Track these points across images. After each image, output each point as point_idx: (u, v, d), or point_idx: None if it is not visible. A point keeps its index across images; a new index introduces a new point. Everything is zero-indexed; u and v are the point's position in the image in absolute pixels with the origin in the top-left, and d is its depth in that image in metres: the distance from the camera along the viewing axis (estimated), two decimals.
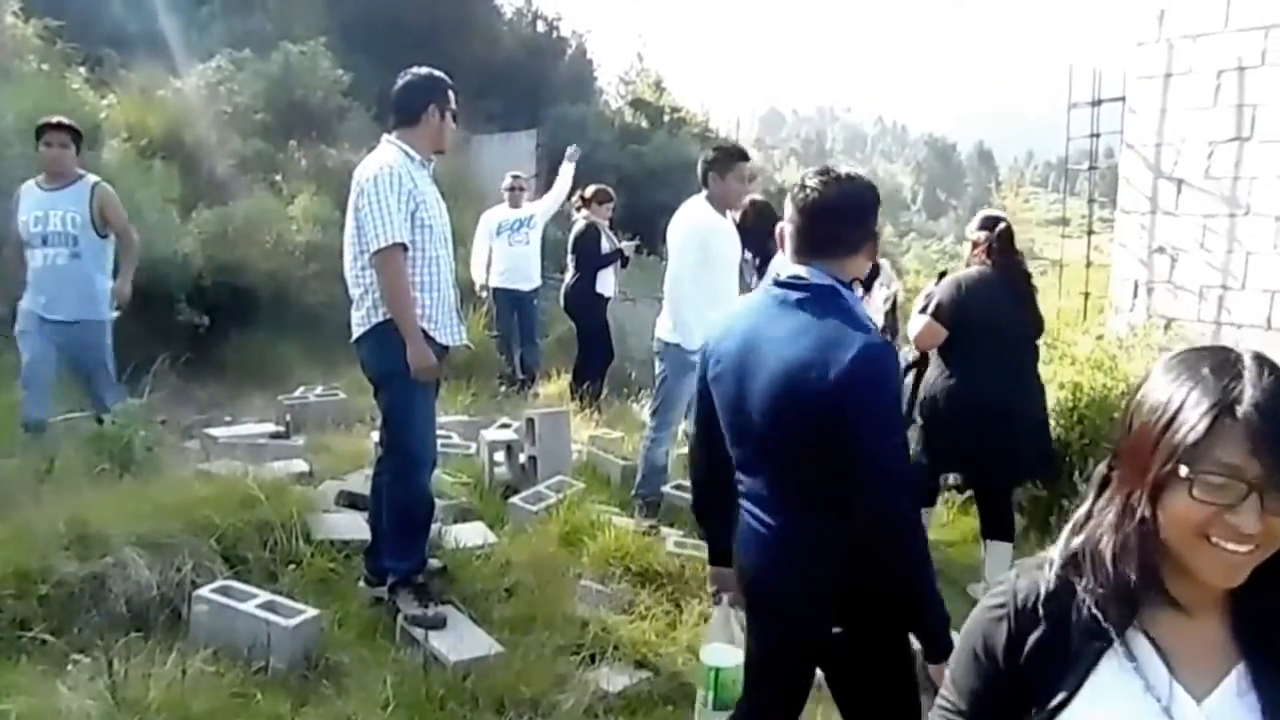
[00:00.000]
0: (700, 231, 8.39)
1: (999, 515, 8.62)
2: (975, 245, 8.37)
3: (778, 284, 3.99)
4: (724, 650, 4.76)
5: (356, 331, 6.40)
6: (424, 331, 6.23)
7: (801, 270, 3.94)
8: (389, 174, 6.16)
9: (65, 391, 10.00)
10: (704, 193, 8.55)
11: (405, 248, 6.13)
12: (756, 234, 9.01)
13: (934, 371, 8.30)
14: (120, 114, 17.12)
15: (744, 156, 8.74)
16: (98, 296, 9.33)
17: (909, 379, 8.77)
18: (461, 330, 6.67)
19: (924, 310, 8.17)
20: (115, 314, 9.59)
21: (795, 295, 3.89)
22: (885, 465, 3.73)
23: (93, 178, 9.48)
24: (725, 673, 4.77)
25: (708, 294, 8.28)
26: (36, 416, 9.05)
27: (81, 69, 17.71)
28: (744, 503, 4.13)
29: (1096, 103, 13.15)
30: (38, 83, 15.40)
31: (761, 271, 9.92)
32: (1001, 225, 8.33)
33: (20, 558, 5.71)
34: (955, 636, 2.84)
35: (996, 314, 7.88)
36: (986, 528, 8.69)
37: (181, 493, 6.96)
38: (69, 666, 5.07)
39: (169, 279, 13.68)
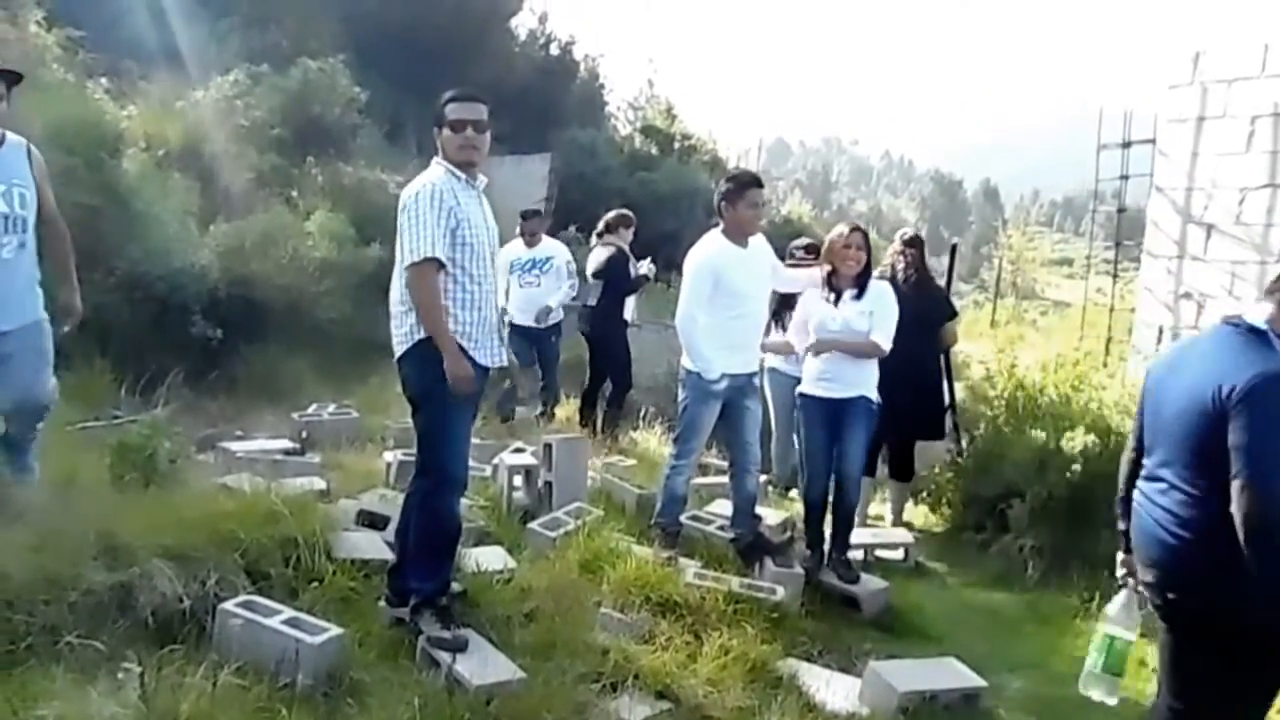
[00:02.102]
0: (711, 264, 8.43)
1: (903, 462, 11.14)
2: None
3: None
4: (1122, 628, 5.33)
5: (398, 350, 6.41)
6: (463, 349, 6.24)
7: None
8: (430, 190, 6.21)
9: (80, 398, 10.02)
10: (720, 225, 8.61)
11: (441, 264, 6.15)
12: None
13: None
14: (139, 125, 17.17)
15: (756, 183, 8.75)
16: (38, 298, 7.21)
17: None
18: (502, 351, 6.68)
19: None
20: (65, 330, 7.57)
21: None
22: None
23: (20, 139, 7.04)
24: (1119, 642, 5.33)
25: (724, 325, 8.39)
26: None
27: (103, 79, 17.76)
28: (1152, 497, 4.85)
29: (1126, 145, 13.14)
30: (60, 92, 15.43)
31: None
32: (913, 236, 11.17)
33: (51, 565, 5.69)
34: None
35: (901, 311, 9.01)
36: (892, 471, 11.20)
37: (205, 506, 6.95)
38: (105, 674, 5.09)
39: (185, 291, 13.73)
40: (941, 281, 12.13)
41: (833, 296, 8.83)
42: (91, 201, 12.08)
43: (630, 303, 13.23)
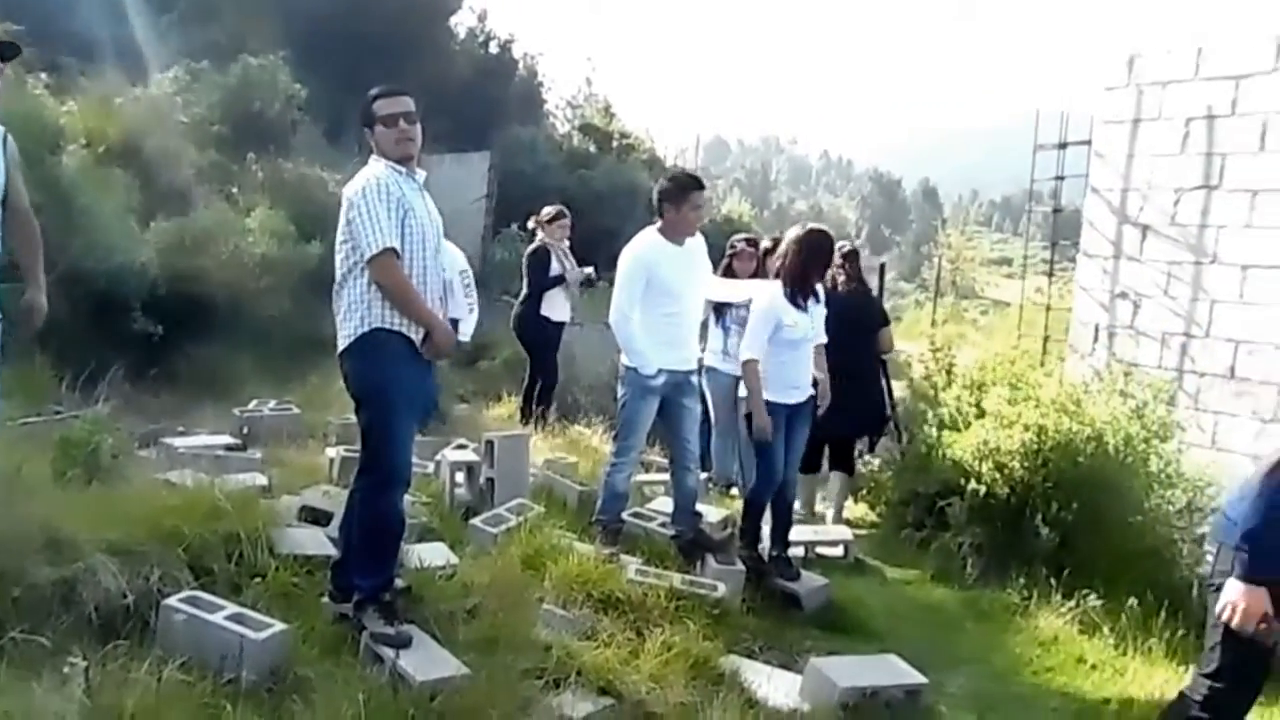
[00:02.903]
0: (645, 261, 8.51)
1: (845, 457, 11.59)
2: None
3: None
4: None
5: (342, 344, 6.39)
6: (409, 339, 6.28)
7: None
8: (376, 184, 6.21)
9: (21, 394, 9.98)
10: (657, 222, 8.67)
11: (397, 253, 6.16)
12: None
13: None
14: (80, 121, 17.07)
15: (699, 185, 8.83)
16: None
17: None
18: (453, 339, 6.71)
19: None
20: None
21: None
22: None
23: None
24: None
25: (658, 322, 8.48)
26: None
27: (42, 75, 17.65)
28: None
29: (1063, 145, 13.27)
30: None
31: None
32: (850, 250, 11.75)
33: None
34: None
35: (839, 316, 9.58)
36: (835, 465, 11.58)
37: (148, 501, 6.94)
38: (49, 669, 5.06)
39: (126, 287, 13.68)
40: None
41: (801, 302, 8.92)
42: (31, 198, 12.01)
43: (559, 301, 13.14)
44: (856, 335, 10.54)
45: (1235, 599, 5.09)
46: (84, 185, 14.26)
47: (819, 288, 9.16)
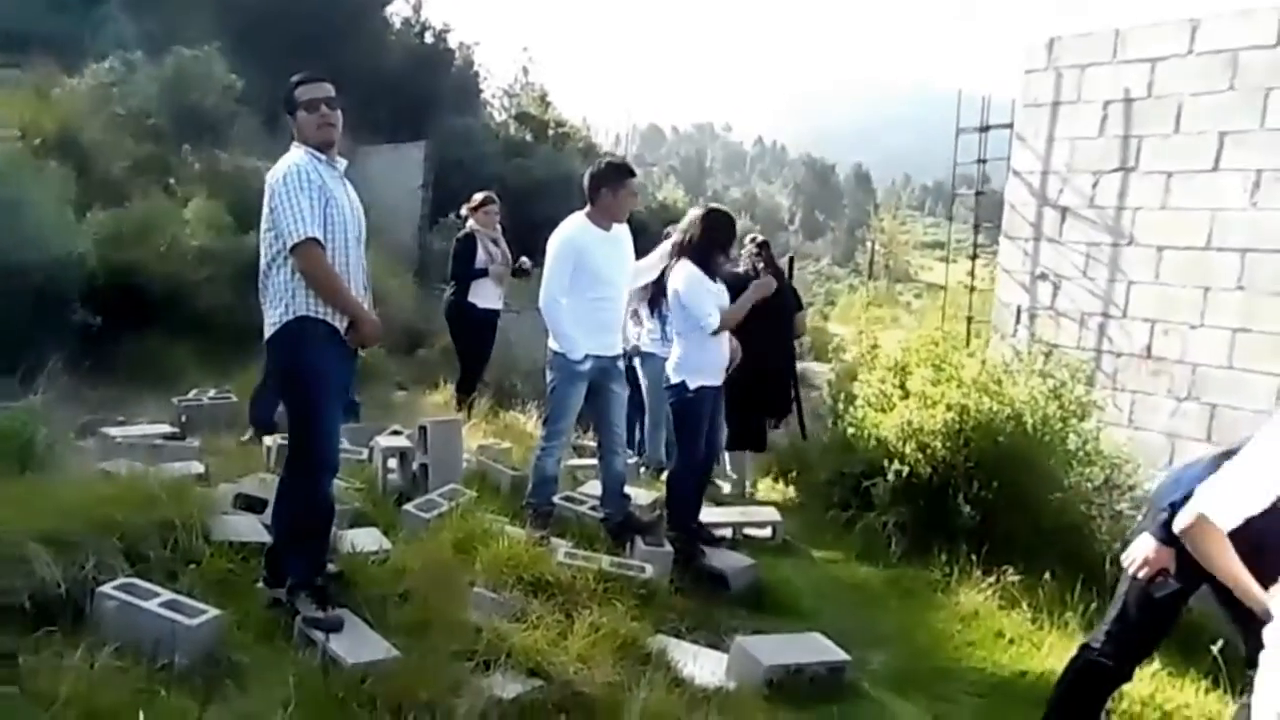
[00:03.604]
0: (573, 245, 8.60)
1: (757, 435, 12.11)
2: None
3: None
4: None
5: (268, 332, 6.44)
6: (334, 328, 6.36)
7: None
8: (297, 172, 6.25)
9: None
10: (586, 207, 8.76)
11: (320, 242, 6.21)
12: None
13: None
14: (13, 112, 16.99)
15: (632, 173, 8.95)
16: None
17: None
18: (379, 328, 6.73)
19: None
20: None
21: None
22: None
23: None
24: None
25: (586, 307, 8.57)
26: None
27: None
28: None
29: (984, 129, 13.37)
30: None
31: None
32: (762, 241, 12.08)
33: None
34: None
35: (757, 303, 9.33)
36: (747, 444, 12.06)
37: (83, 491, 6.98)
38: None
39: (63, 279, 13.63)
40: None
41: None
42: None
43: (488, 289, 13.14)
44: (771, 319, 10.64)
45: (1145, 552, 5.44)
46: (18, 177, 14.22)
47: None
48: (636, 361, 11.34)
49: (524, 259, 13.00)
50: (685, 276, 8.96)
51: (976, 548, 9.29)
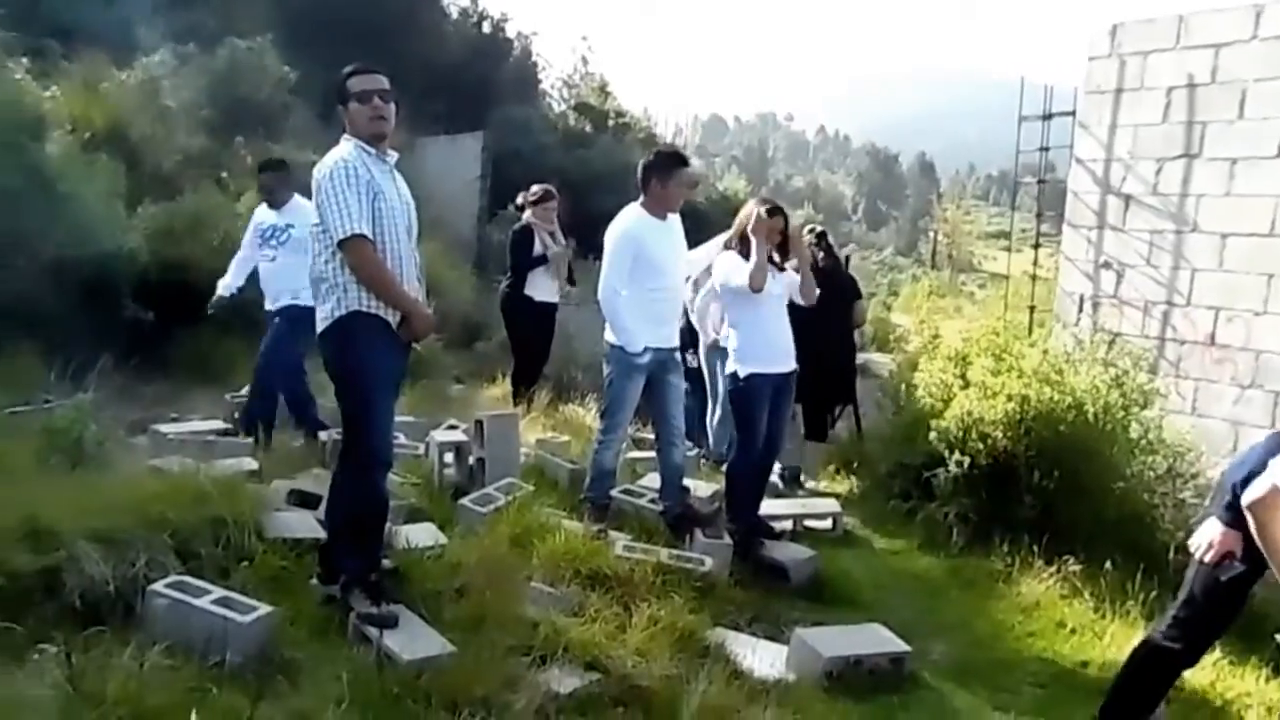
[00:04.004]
0: (631, 236, 8.57)
1: (820, 424, 12.14)
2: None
3: None
4: None
5: (320, 326, 6.42)
6: (386, 322, 6.30)
7: None
8: (344, 167, 6.21)
9: (8, 383, 9.99)
10: (641, 198, 8.70)
11: (368, 237, 6.16)
12: None
13: None
14: (64, 106, 16.96)
15: (685, 162, 8.92)
16: None
17: None
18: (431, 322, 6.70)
19: None
20: None
21: None
22: None
23: None
24: None
25: (645, 298, 8.53)
26: None
27: (23, 59, 17.54)
28: None
29: (1047, 117, 13.27)
30: None
31: None
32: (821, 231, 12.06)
33: None
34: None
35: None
36: (811, 434, 12.05)
37: (134, 488, 6.93)
38: (29, 657, 5.09)
39: (113, 274, 13.60)
40: None
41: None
42: (12, 185, 11.96)
43: (544, 282, 13.04)
44: (833, 309, 10.74)
45: (1212, 535, 5.48)
46: (68, 172, 14.18)
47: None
48: (701, 353, 11.27)
49: (555, 247, 12.85)
50: (725, 264, 9.02)
51: (1038, 538, 9.19)
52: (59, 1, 21.05)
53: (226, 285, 11.55)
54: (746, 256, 8.80)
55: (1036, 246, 14.04)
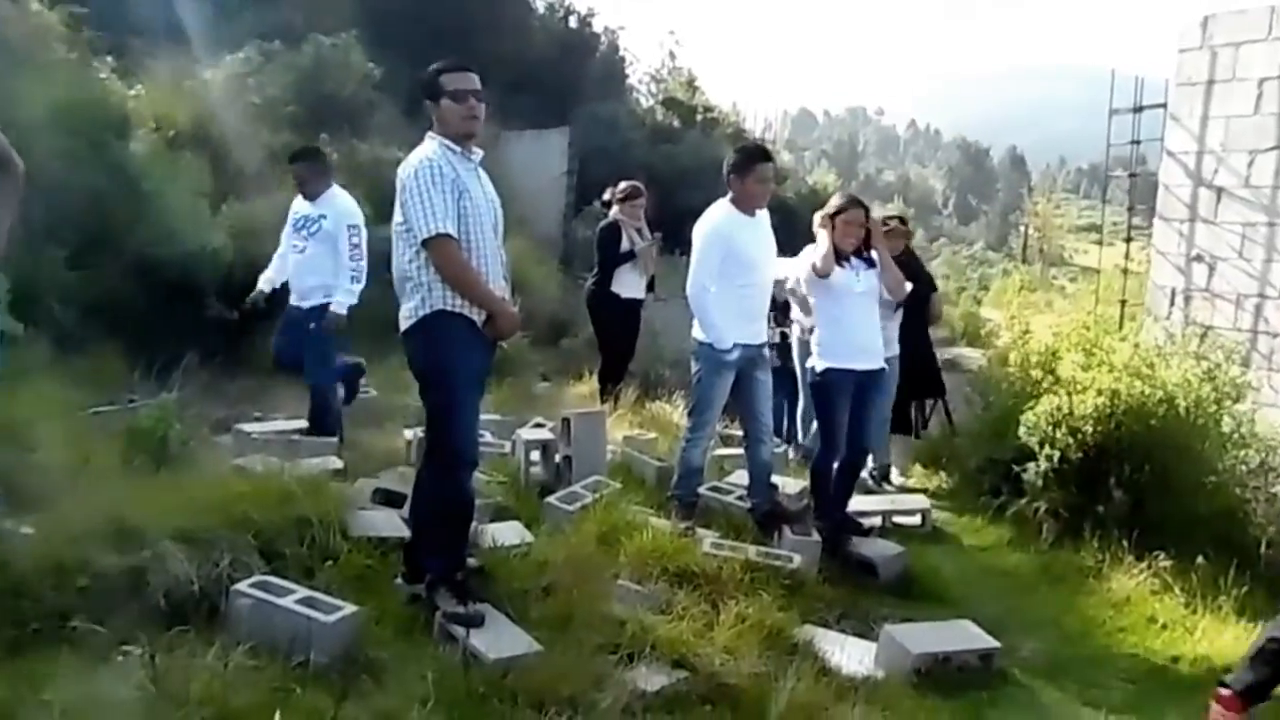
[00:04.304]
0: (721, 233, 8.50)
1: (905, 419, 12.02)
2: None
3: None
4: None
5: (404, 325, 6.40)
6: (471, 321, 6.27)
7: None
8: (429, 166, 6.18)
9: (93, 383, 10.03)
10: (729, 194, 8.63)
11: (453, 236, 6.13)
12: None
13: None
14: (148, 104, 17.05)
15: (765, 157, 8.81)
16: None
17: None
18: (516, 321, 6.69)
19: None
20: None
21: None
22: None
23: None
24: None
25: (734, 295, 8.46)
26: None
27: (108, 58, 17.65)
28: None
29: (1138, 109, 13.16)
30: (64, 71, 15.33)
31: None
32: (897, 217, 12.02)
33: (59, 550, 5.71)
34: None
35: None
36: (895, 427, 11.66)
37: (218, 488, 6.96)
38: (113, 658, 5.12)
39: (197, 273, 13.65)
40: None
41: (848, 264, 8.89)
42: (97, 184, 12.01)
43: (631, 278, 12.92)
44: (911, 302, 10.49)
45: None
46: (152, 171, 14.24)
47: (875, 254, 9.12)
48: (795, 350, 11.20)
49: (642, 241, 12.76)
50: (806, 258, 9.13)
51: (1128, 533, 9.10)
52: (145, 1, 21.20)
53: (268, 280, 11.14)
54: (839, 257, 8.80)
55: (1128, 240, 13.94)
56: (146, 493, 6.66)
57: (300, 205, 10.90)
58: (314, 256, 10.49)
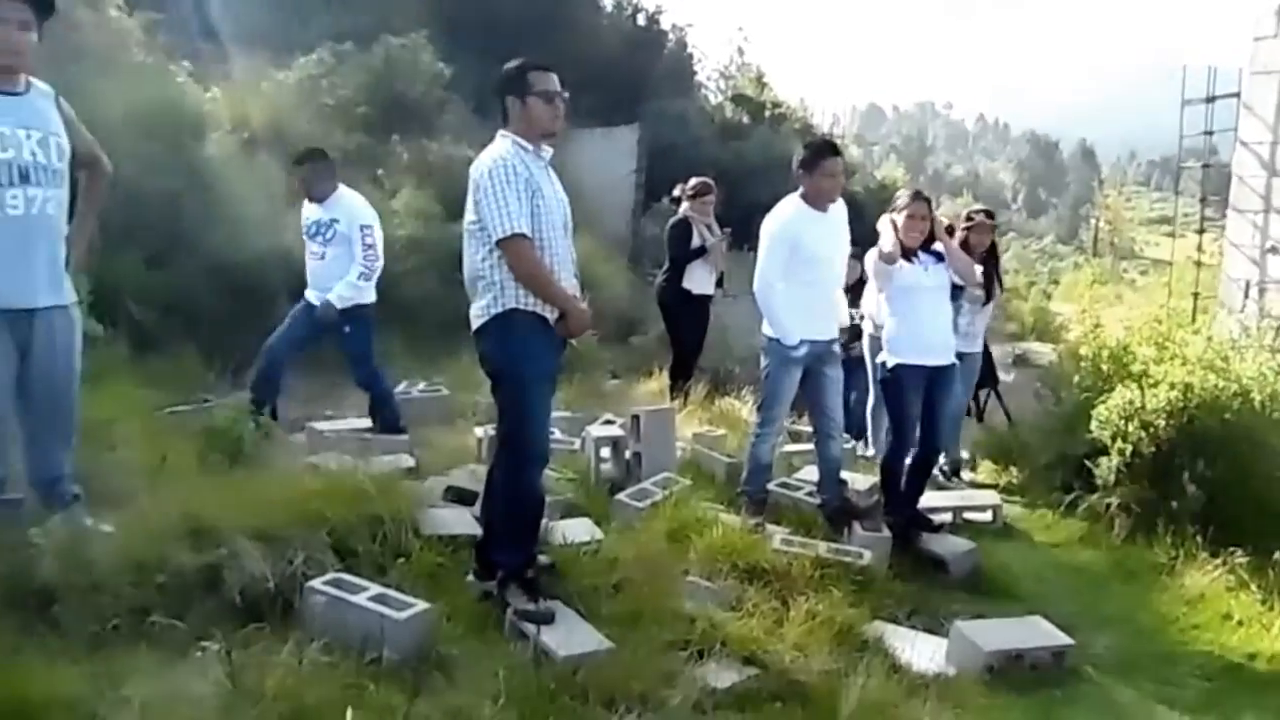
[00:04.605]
0: (788, 230, 8.50)
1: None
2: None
3: None
4: None
5: (476, 323, 6.44)
6: (543, 318, 6.31)
7: None
8: (503, 166, 6.20)
9: (170, 383, 10.14)
10: (799, 190, 8.62)
11: (527, 236, 6.16)
12: None
13: None
14: (223, 107, 17.26)
15: (834, 151, 8.78)
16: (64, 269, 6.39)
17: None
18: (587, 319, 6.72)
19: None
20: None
21: None
22: None
23: (48, 86, 6.29)
24: None
25: (802, 291, 8.47)
26: None
27: (185, 62, 17.85)
28: None
29: (1211, 99, 13.05)
30: (143, 75, 15.53)
31: None
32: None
33: (138, 547, 5.79)
34: None
35: None
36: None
37: (291, 486, 7.02)
38: (191, 653, 5.19)
39: (271, 274, 13.79)
40: None
41: (913, 260, 8.91)
42: (174, 186, 12.16)
43: (702, 274, 13.02)
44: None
45: None
46: (227, 172, 14.43)
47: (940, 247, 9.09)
48: (865, 345, 11.18)
49: (712, 237, 12.79)
50: (874, 253, 9.13)
51: (1202, 528, 9.01)
52: (220, 4, 21.39)
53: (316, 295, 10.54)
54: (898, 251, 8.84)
55: (1200, 232, 13.84)
56: (222, 491, 6.72)
57: (310, 210, 10.69)
58: (334, 260, 10.39)
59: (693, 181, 13.29)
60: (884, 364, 8.97)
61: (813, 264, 8.50)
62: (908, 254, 8.85)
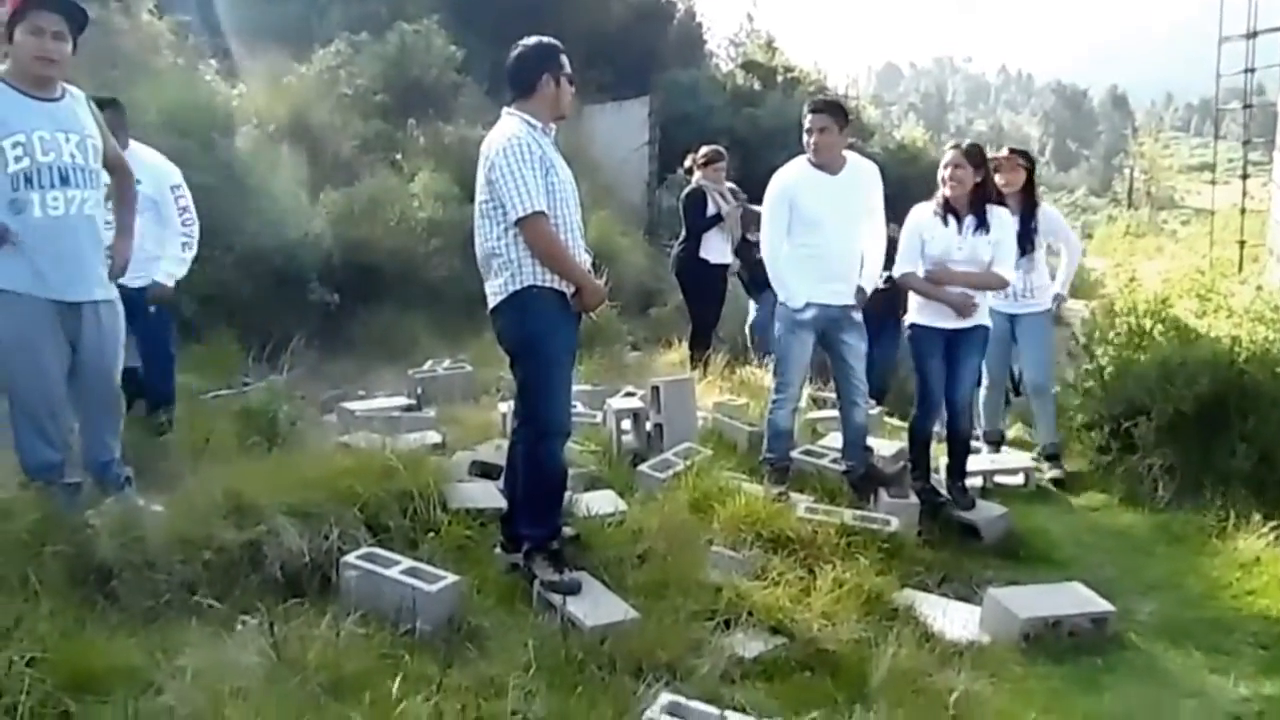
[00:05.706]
0: (786, 191, 8.50)
1: None
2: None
3: None
4: None
5: (493, 301, 6.53)
6: (561, 294, 6.41)
7: None
8: (517, 144, 6.29)
9: (212, 368, 10.37)
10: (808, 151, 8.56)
11: (545, 214, 6.24)
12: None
13: None
14: (249, 102, 17.49)
15: (812, 109, 8.68)
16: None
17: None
18: (602, 294, 6.83)
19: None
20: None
21: None
22: None
23: (79, 91, 6.55)
24: None
25: (804, 253, 8.46)
26: (46, 459, 6.42)
27: (212, 61, 18.10)
28: None
29: (1252, 35, 12.67)
30: (173, 77, 15.79)
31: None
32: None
33: (185, 526, 5.99)
34: None
35: None
36: None
37: (325, 464, 7.15)
38: (235, 627, 5.39)
39: (301, 260, 14.04)
40: None
41: (954, 223, 8.68)
42: (206, 181, 12.32)
43: (718, 243, 13.04)
44: None
45: None
46: (256, 165, 14.69)
47: (991, 206, 8.79)
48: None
49: (727, 205, 12.85)
50: (912, 217, 8.91)
51: (1255, 489, 8.75)
52: (241, 3, 21.60)
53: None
54: (950, 212, 8.68)
55: (1245, 177, 13.58)
56: (260, 471, 6.90)
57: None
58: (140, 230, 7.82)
59: (703, 150, 13.37)
60: (910, 324, 8.93)
61: (814, 226, 8.44)
62: (949, 214, 8.68)
